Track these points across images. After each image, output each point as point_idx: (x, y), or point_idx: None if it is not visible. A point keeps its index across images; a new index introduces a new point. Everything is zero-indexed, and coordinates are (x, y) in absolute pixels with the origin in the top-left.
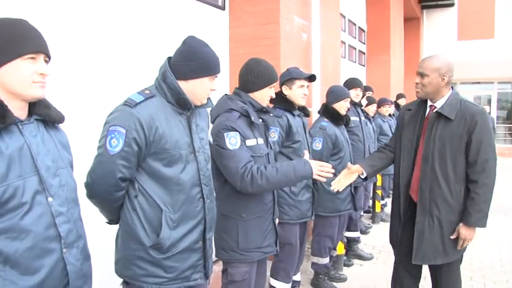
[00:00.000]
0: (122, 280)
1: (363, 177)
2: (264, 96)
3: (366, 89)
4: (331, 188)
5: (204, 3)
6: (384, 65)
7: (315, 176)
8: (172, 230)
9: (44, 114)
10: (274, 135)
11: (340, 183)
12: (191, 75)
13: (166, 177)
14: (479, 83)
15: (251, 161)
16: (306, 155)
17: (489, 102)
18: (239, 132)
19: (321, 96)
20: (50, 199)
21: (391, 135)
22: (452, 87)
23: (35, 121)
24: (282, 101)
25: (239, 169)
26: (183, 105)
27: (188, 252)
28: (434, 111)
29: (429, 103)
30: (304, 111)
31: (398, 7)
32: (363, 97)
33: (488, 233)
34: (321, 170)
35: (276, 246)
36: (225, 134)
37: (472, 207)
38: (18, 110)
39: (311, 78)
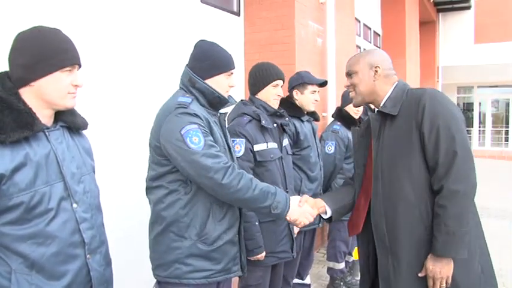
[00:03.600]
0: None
1: (326, 217)
2: (268, 95)
3: None
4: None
5: (219, 9)
6: (399, 69)
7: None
8: (217, 222)
9: (69, 121)
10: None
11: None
12: (205, 75)
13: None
14: (497, 86)
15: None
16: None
17: (507, 105)
18: (246, 138)
19: (337, 100)
20: (74, 205)
21: None
22: (398, 81)
23: (60, 128)
24: (289, 107)
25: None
26: (217, 104)
27: (230, 244)
28: (375, 112)
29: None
30: (314, 116)
31: (414, 11)
32: None
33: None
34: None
35: (292, 252)
36: (231, 139)
37: (437, 229)
38: (46, 118)
39: (322, 84)
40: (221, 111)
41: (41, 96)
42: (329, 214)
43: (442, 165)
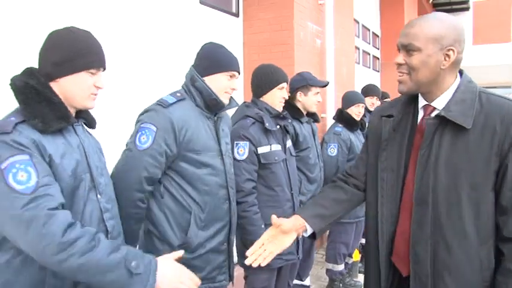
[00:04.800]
0: None
1: (307, 234)
2: (274, 98)
3: (384, 95)
4: (245, 261)
5: (218, 10)
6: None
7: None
8: (200, 230)
9: (88, 118)
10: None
11: (263, 255)
12: (204, 72)
13: (194, 178)
14: (495, 87)
15: (253, 180)
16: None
17: None
18: (250, 141)
19: (336, 102)
20: (99, 196)
21: None
22: (461, 72)
23: (81, 124)
24: (288, 108)
25: (245, 183)
26: (213, 106)
27: (215, 253)
28: (432, 115)
29: (421, 102)
30: (314, 117)
31: (413, 12)
32: None
33: None
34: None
35: (298, 254)
36: (235, 142)
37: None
38: (72, 113)
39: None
40: (221, 114)
41: (64, 93)
42: (310, 232)
43: None
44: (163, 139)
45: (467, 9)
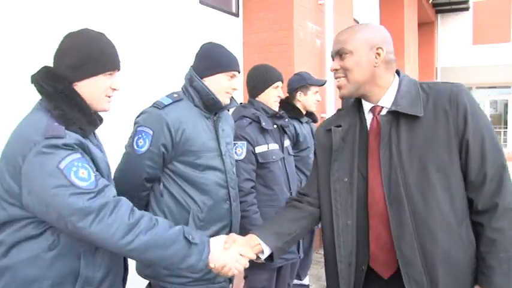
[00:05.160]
0: (147, 281)
1: (264, 256)
2: (269, 97)
3: None
4: None
5: (218, 10)
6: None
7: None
8: (198, 230)
9: (101, 120)
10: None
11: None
12: (205, 73)
13: (192, 178)
14: (495, 87)
15: (251, 179)
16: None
17: (506, 106)
18: (247, 141)
19: (335, 101)
20: None
21: None
22: (398, 72)
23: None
24: (288, 108)
25: (244, 183)
26: (211, 106)
27: None
28: (382, 113)
29: (367, 106)
30: (312, 117)
31: (413, 12)
32: None
33: None
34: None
35: (299, 253)
36: (232, 142)
37: (494, 258)
38: None
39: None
40: (221, 114)
41: (83, 97)
42: (267, 253)
43: (493, 179)
44: (160, 141)
45: (467, 9)
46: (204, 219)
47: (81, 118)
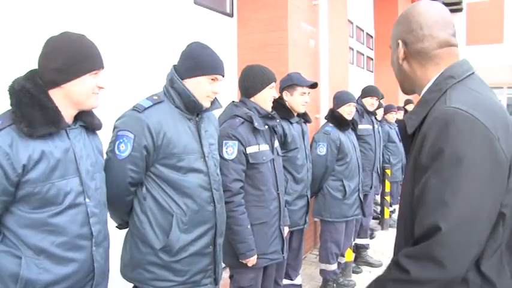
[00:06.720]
0: (131, 284)
1: None
2: (265, 97)
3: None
4: None
5: (212, 10)
6: (392, 71)
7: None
8: (182, 233)
9: (87, 121)
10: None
11: None
12: (186, 74)
13: (175, 181)
14: None
15: (240, 180)
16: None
17: None
18: (239, 141)
19: (329, 102)
20: (87, 200)
21: (398, 142)
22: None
23: (79, 127)
24: (278, 108)
25: (233, 183)
26: (192, 108)
27: (198, 256)
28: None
29: None
30: (305, 118)
31: None
32: (378, 107)
33: None
34: None
35: (283, 253)
36: (223, 142)
37: None
38: (69, 117)
39: (313, 85)
40: (203, 115)
41: (69, 97)
42: None
43: (421, 225)
44: (142, 145)
45: (460, 10)
46: (188, 223)
47: (39, 117)
